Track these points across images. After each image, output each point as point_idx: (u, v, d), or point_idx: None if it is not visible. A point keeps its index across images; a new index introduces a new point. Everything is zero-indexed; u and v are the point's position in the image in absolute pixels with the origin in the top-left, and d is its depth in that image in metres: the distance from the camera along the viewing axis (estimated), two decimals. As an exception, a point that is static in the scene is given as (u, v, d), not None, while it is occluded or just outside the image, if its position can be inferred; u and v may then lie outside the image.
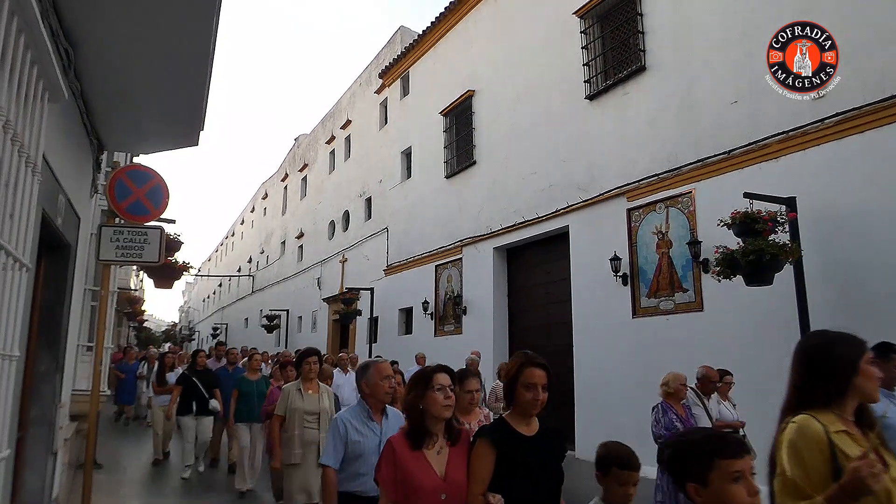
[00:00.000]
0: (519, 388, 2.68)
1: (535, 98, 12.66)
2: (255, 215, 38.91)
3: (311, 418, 5.28)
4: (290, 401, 5.36)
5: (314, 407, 5.33)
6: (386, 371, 3.64)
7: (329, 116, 25.89)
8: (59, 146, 4.13)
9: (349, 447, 3.45)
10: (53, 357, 4.88)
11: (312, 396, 5.42)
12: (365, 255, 20.11)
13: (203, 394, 8.70)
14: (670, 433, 5.24)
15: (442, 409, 2.76)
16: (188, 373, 8.97)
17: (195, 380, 8.79)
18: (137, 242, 6.39)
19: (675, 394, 5.69)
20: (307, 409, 5.31)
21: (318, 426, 5.25)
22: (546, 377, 2.69)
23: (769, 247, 6.51)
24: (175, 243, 8.65)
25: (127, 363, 14.56)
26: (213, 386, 8.84)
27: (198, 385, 8.75)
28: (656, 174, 9.58)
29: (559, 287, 11.88)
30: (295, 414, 5.28)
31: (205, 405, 8.64)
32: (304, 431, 5.24)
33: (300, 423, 5.25)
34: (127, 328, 27.22)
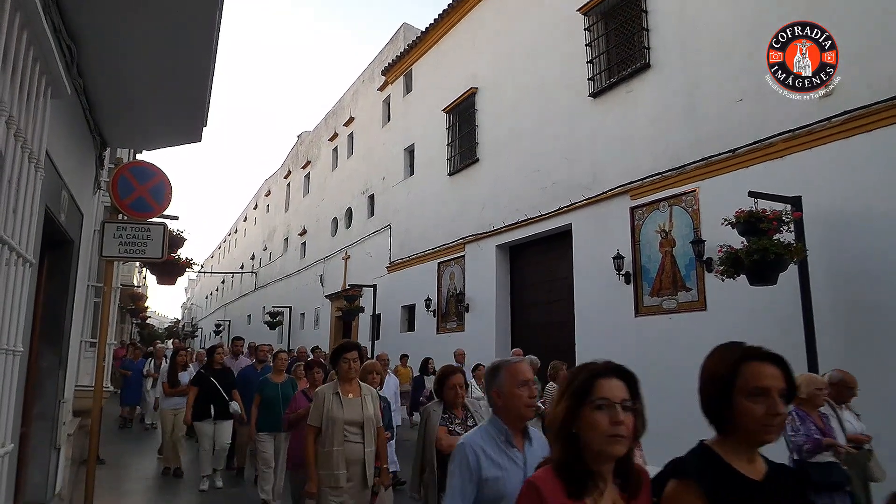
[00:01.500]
0: (738, 398, 1.72)
1: (539, 96, 12.62)
2: (257, 212, 38.94)
3: (353, 429, 4.34)
4: (326, 408, 4.35)
5: (356, 415, 4.36)
6: (523, 374, 2.66)
7: (332, 113, 25.88)
8: (62, 142, 4.12)
9: (484, 487, 2.48)
10: (56, 353, 4.89)
11: (353, 401, 4.42)
12: (368, 252, 20.12)
13: (222, 395, 7.82)
14: (811, 441, 4.76)
15: (609, 440, 1.72)
16: (205, 372, 8.00)
17: (213, 380, 7.85)
18: (140, 239, 6.39)
19: (810, 400, 4.99)
20: (348, 419, 4.33)
21: (362, 439, 4.34)
22: (784, 378, 1.75)
23: (774, 246, 6.48)
24: (178, 240, 8.67)
25: (132, 360, 13.83)
26: (232, 386, 7.99)
27: (216, 386, 7.82)
28: (660, 172, 9.55)
29: (561, 285, 11.87)
30: (333, 425, 4.29)
31: (224, 408, 7.81)
32: (347, 447, 4.30)
33: (340, 435, 4.28)
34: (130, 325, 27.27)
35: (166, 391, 9.08)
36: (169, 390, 9.05)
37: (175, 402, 8.89)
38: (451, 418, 4.01)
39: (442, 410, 4.05)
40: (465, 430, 3.67)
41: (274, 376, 7.23)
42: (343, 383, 4.48)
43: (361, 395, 4.48)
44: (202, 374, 7.99)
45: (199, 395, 7.78)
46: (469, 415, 4.07)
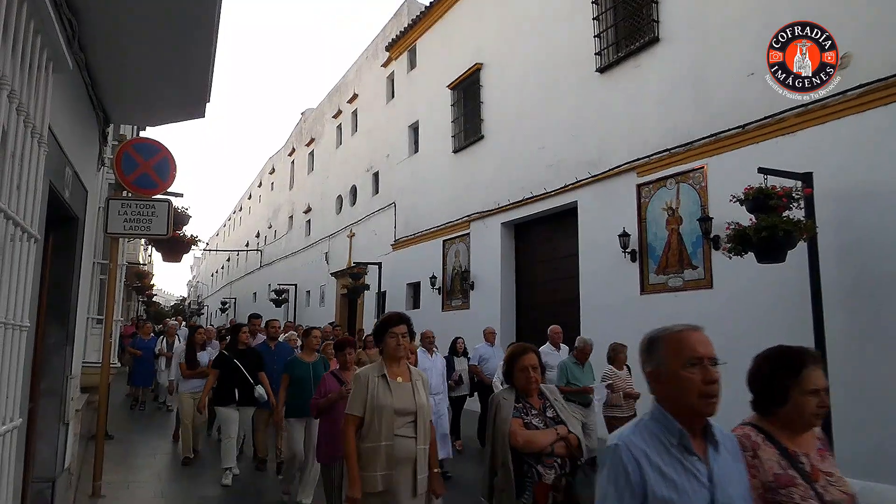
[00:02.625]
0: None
1: (545, 71, 12.48)
2: (262, 190, 38.90)
3: (404, 421, 3.57)
4: (370, 394, 3.58)
5: (408, 403, 3.60)
6: (699, 345, 1.86)
7: (336, 90, 25.70)
8: (65, 118, 4.09)
9: None
10: (63, 329, 4.90)
11: (403, 387, 3.66)
12: (373, 230, 20.10)
13: (247, 378, 7.14)
14: None
15: None
16: (228, 353, 7.35)
17: (237, 361, 7.19)
18: (145, 216, 6.40)
19: None
20: (399, 408, 3.56)
21: (414, 432, 3.57)
22: None
23: (783, 223, 6.41)
24: (183, 217, 8.65)
25: (142, 339, 12.92)
26: (258, 368, 7.31)
27: (240, 368, 7.14)
28: (668, 149, 9.46)
29: (567, 263, 11.83)
30: (380, 415, 3.54)
31: (249, 392, 7.12)
32: (396, 442, 3.51)
33: (388, 428, 3.52)
34: (136, 302, 27.41)
35: (184, 373, 8.35)
36: (187, 372, 8.32)
37: (194, 385, 8.23)
38: (525, 408, 3.35)
39: (514, 399, 3.37)
40: (545, 423, 3.28)
41: (304, 355, 6.46)
42: (390, 364, 3.71)
43: (412, 380, 3.71)
44: (224, 355, 7.33)
45: (221, 379, 7.17)
46: (548, 404, 3.42)
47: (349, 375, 4.86)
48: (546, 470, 3.12)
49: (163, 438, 9.81)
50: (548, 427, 3.25)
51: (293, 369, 6.28)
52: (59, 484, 4.86)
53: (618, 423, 6.95)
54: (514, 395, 3.41)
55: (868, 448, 6.51)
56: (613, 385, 7.18)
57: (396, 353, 3.70)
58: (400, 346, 3.69)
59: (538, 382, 3.39)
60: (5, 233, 2.47)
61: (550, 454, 3.14)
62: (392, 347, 3.70)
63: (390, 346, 3.71)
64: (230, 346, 7.55)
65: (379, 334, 3.81)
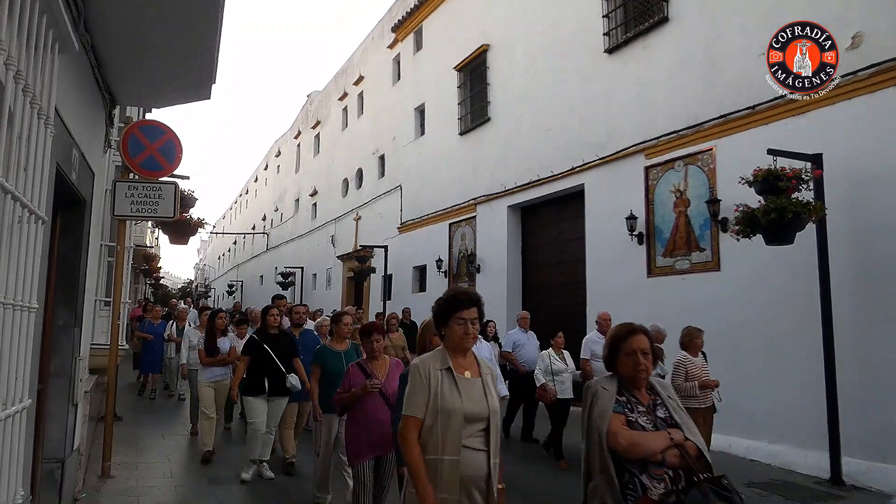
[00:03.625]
0: None
1: (552, 52, 12.36)
2: (268, 173, 38.90)
3: (475, 429, 2.80)
4: (434, 392, 2.81)
5: (480, 406, 2.82)
6: None
7: (341, 72, 25.57)
8: (71, 100, 4.07)
9: None
10: (72, 311, 4.92)
11: (473, 384, 2.88)
12: (379, 213, 20.08)
13: (278, 366, 6.43)
14: None
15: None
16: (258, 338, 6.61)
17: (267, 347, 6.47)
18: (152, 198, 6.41)
19: None
20: (470, 412, 2.78)
21: (486, 444, 2.80)
22: None
23: (792, 205, 6.37)
24: (189, 199, 8.67)
25: (151, 323, 12.11)
26: (291, 354, 6.61)
27: (270, 355, 6.45)
28: (676, 131, 9.38)
29: (573, 246, 11.81)
30: (446, 420, 2.75)
31: (281, 382, 6.41)
32: (464, 456, 2.73)
33: (455, 438, 2.74)
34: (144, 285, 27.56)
35: (203, 360, 7.57)
36: (206, 359, 7.53)
37: (214, 374, 7.51)
38: (630, 403, 2.73)
39: (616, 390, 2.77)
40: (655, 424, 2.67)
41: (335, 343, 5.71)
42: (455, 356, 2.93)
43: (482, 375, 2.95)
44: (254, 340, 6.61)
45: (249, 367, 6.51)
46: (659, 402, 2.79)
47: (377, 366, 4.56)
48: (653, 482, 2.54)
49: (172, 419, 9.89)
50: (658, 429, 2.66)
51: (324, 360, 5.55)
52: (68, 464, 4.90)
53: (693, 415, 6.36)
54: (617, 384, 2.79)
55: (875, 429, 6.52)
56: (687, 373, 6.33)
57: (464, 343, 2.92)
58: (468, 335, 2.91)
59: (648, 372, 2.78)
60: (13, 214, 2.47)
61: (660, 463, 2.56)
62: (459, 336, 2.90)
63: (457, 335, 2.91)
64: (260, 330, 6.84)
65: (442, 317, 2.98)
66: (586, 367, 7.62)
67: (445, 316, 2.97)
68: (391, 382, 4.36)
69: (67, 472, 4.88)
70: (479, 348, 7.06)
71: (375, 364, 4.60)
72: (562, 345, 7.98)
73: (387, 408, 4.30)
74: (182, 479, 6.55)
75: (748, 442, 7.71)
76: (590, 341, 7.87)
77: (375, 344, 4.63)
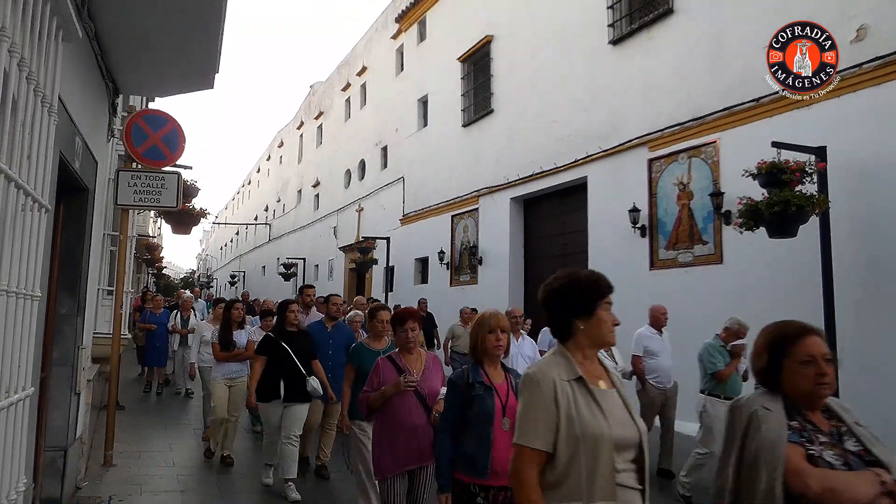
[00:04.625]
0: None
1: (556, 43, 12.31)
2: (271, 163, 38.88)
3: (626, 459, 2.09)
4: (568, 414, 2.05)
5: (628, 429, 2.10)
6: None
7: (345, 63, 25.50)
8: (75, 88, 4.07)
9: None
10: (74, 300, 4.93)
11: (612, 398, 2.17)
12: (381, 205, 20.07)
13: (298, 368, 5.68)
14: None
15: None
16: (274, 336, 5.88)
17: (285, 346, 5.73)
18: (155, 187, 6.41)
19: None
20: (619, 437, 2.05)
21: (640, 480, 2.11)
22: None
23: (795, 198, 6.34)
24: (192, 189, 8.65)
25: (154, 313, 11.42)
26: (311, 355, 5.87)
27: (290, 355, 5.69)
28: (680, 123, 9.34)
29: (576, 238, 11.79)
30: (591, 451, 2.00)
31: (300, 386, 5.65)
32: (623, 498, 2.02)
33: (606, 474, 2.00)
34: (146, 274, 27.62)
35: (217, 355, 6.82)
36: (221, 354, 6.78)
37: (229, 370, 6.78)
38: (807, 431, 2.05)
39: (785, 412, 2.08)
40: (847, 461, 1.98)
41: (372, 341, 4.88)
42: (586, 358, 2.20)
43: (614, 384, 2.23)
44: (270, 338, 5.89)
45: (267, 368, 5.78)
46: (844, 429, 2.11)
47: (411, 361, 3.88)
48: None
49: (175, 409, 9.93)
50: (853, 468, 1.97)
51: (360, 360, 4.65)
52: (71, 453, 4.93)
53: None
54: (784, 404, 2.09)
55: (878, 421, 6.48)
56: None
57: (609, 338, 2.22)
58: (608, 331, 2.20)
59: (832, 388, 2.13)
60: (16, 203, 2.47)
61: None
62: (607, 330, 2.19)
63: (606, 328, 2.19)
64: (276, 327, 6.07)
65: (581, 304, 2.18)
66: (638, 366, 6.77)
67: (588, 302, 2.17)
68: (429, 381, 3.80)
69: (70, 461, 4.91)
70: (523, 345, 6.48)
71: (409, 358, 3.90)
72: None
73: (423, 411, 3.68)
74: (185, 467, 6.57)
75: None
76: (642, 336, 6.90)
77: (410, 333, 3.91)
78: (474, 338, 3.19)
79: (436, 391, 3.76)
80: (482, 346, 3.16)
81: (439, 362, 4.06)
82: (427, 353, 4.08)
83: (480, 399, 3.04)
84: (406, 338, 3.91)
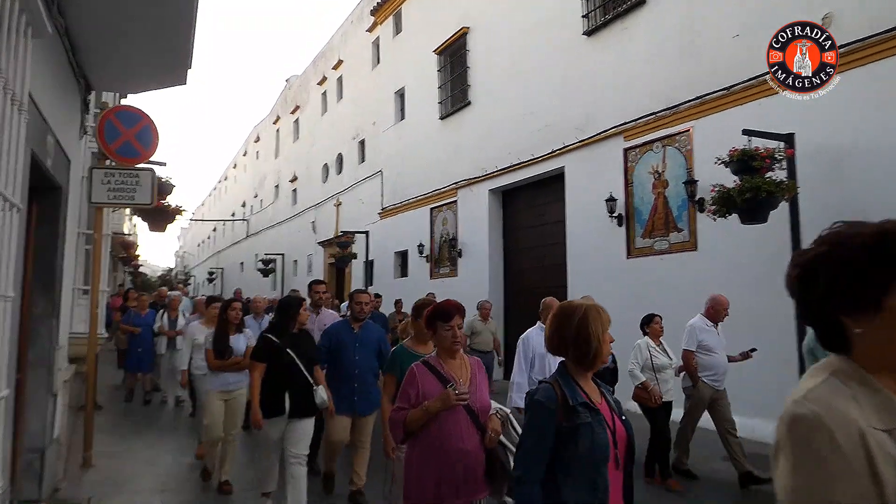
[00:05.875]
0: None
1: (532, 35, 12.35)
2: (247, 159, 38.53)
3: None
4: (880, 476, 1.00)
5: None
6: None
7: (320, 56, 25.33)
8: (46, 85, 4.02)
9: None
10: (49, 300, 4.88)
11: None
12: (360, 199, 20.01)
13: (305, 377, 4.80)
14: None
15: None
16: (274, 337, 4.89)
17: (290, 352, 4.80)
18: (129, 185, 6.35)
19: None
20: None
21: None
22: None
23: (766, 184, 6.49)
24: (167, 186, 8.58)
25: (137, 314, 10.40)
26: (313, 360, 4.99)
27: (295, 361, 4.78)
28: (654, 112, 9.45)
29: (554, 229, 11.88)
30: None
31: (307, 397, 4.78)
32: None
33: None
34: (122, 273, 27.28)
35: (212, 363, 5.76)
36: (216, 362, 5.71)
37: (226, 382, 5.75)
38: None
39: None
40: None
41: (417, 345, 4.10)
42: None
43: None
44: (270, 341, 4.88)
45: (266, 377, 4.84)
46: None
47: (455, 367, 3.10)
48: None
49: (154, 407, 9.83)
50: None
51: (403, 368, 3.57)
52: (48, 454, 4.89)
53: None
54: None
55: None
56: None
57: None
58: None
59: None
60: (-13, 201, 2.46)
61: None
62: None
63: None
64: (278, 328, 5.01)
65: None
66: (690, 361, 6.12)
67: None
68: (480, 392, 3.07)
69: (48, 462, 4.87)
70: None
71: (451, 364, 3.10)
72: (661, 333, 6.30)
73: (475, 430, 2.95)
74: (164, 466, 6.55)
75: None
76: (697, 328, 6.20)
77: (457, 332, 3.09)
78: (579, 338, 2.28)
79: (487, 405, 3.07)
80: (596, 351, 2.28)
81: (484, 368, 3.31)
82: (470, 357, 3.27)
83: (587, 429, 2.21)
84: (452, 338, 3.08)
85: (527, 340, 5.67)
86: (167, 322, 10.00)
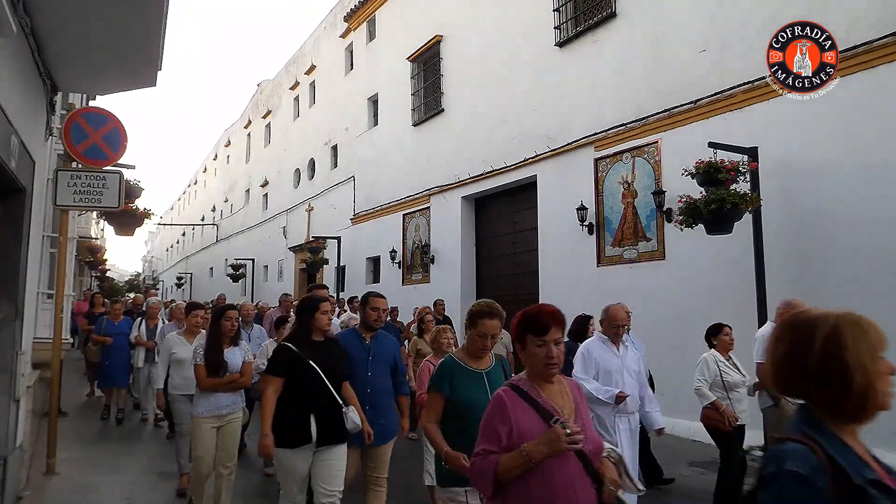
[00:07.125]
0: None
1: (505, 45, 12.47)
2: (218, 163, 38.10)
3: None
4: None
5: None
6: None
7: (293, 61, 25.21)
8: (10, 85, 3.96)
9: None
10: (12, 304, 4.79)
11: None
12: (332, 204, 19.94)
13: (332, 394, 3.90)
14: None
15: None
16: (294, 346, 3.96)
17: (313, 364, 3.90)
18: (96, 187, 6.26)
19: None
20: None
21: None
22: None
23: (730, 196, 6.66)
24: (135, 189, 8.45)
25: (111, 322, 9.27)
26: (342, 374, 4.05)
27: (319, 376, 3.88)
28: (624, 123, 9.61)
29: (526, 236, 11.99)
30: None
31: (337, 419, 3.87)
32: None
33: None
34: (89, 277, 26.75)
35: (202, 382, 4.76)
36: (208, 381, 4.75)
37: (218, 405, 4.81)
38: None
39: None
40: None
41: (469, 358, 3.24)
42: None
43: None
44: (289, 351, 3.96)
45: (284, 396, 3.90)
46: None
47: (554, 394, 2.35)
48: None
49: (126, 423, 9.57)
50: None
51: (454, 385, 3.08)
52: (11, 461, 4.79)
53: None
54: None
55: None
56: None
57: None
58: None
59: None
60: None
61: None
62: None
63: None
64: (297, 336, 4.08)
65: None
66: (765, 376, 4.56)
67: None
68: (589, 430, 2.31)
69: (10, 470, 4.77)
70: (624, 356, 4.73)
71: (550, 390, 2.35)
72: (731, 346, 5.38)
73: (590, 482, 2.22)
74: (130, 474, 6.44)
75: (689, 423, 7.98)
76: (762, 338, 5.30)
77: (553, 349, 2.31)
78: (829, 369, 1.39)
79: (600, 446, 2.35)
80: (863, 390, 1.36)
81: (581, 391, 2.51)
82: (567, 378, 2.52)
83: None
84: (546, 358, 2.30)
85: (588, 353, 4.79)
86: (145, 331, 8.89)
